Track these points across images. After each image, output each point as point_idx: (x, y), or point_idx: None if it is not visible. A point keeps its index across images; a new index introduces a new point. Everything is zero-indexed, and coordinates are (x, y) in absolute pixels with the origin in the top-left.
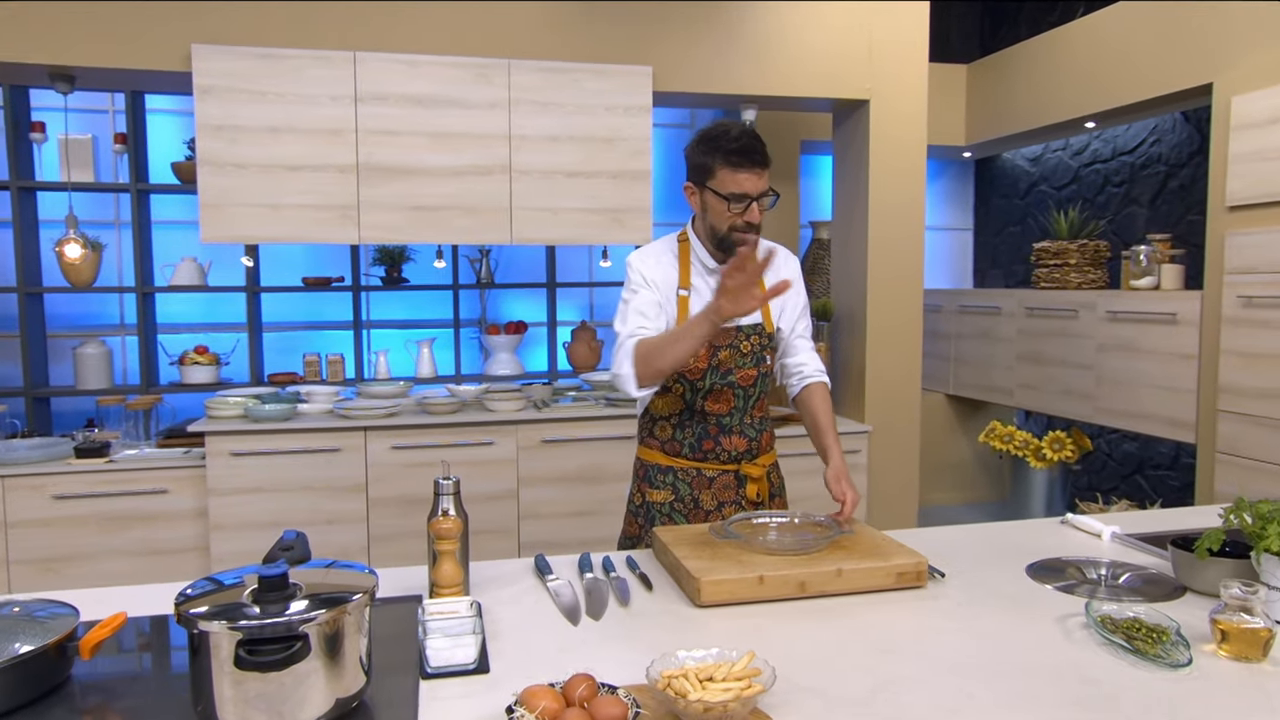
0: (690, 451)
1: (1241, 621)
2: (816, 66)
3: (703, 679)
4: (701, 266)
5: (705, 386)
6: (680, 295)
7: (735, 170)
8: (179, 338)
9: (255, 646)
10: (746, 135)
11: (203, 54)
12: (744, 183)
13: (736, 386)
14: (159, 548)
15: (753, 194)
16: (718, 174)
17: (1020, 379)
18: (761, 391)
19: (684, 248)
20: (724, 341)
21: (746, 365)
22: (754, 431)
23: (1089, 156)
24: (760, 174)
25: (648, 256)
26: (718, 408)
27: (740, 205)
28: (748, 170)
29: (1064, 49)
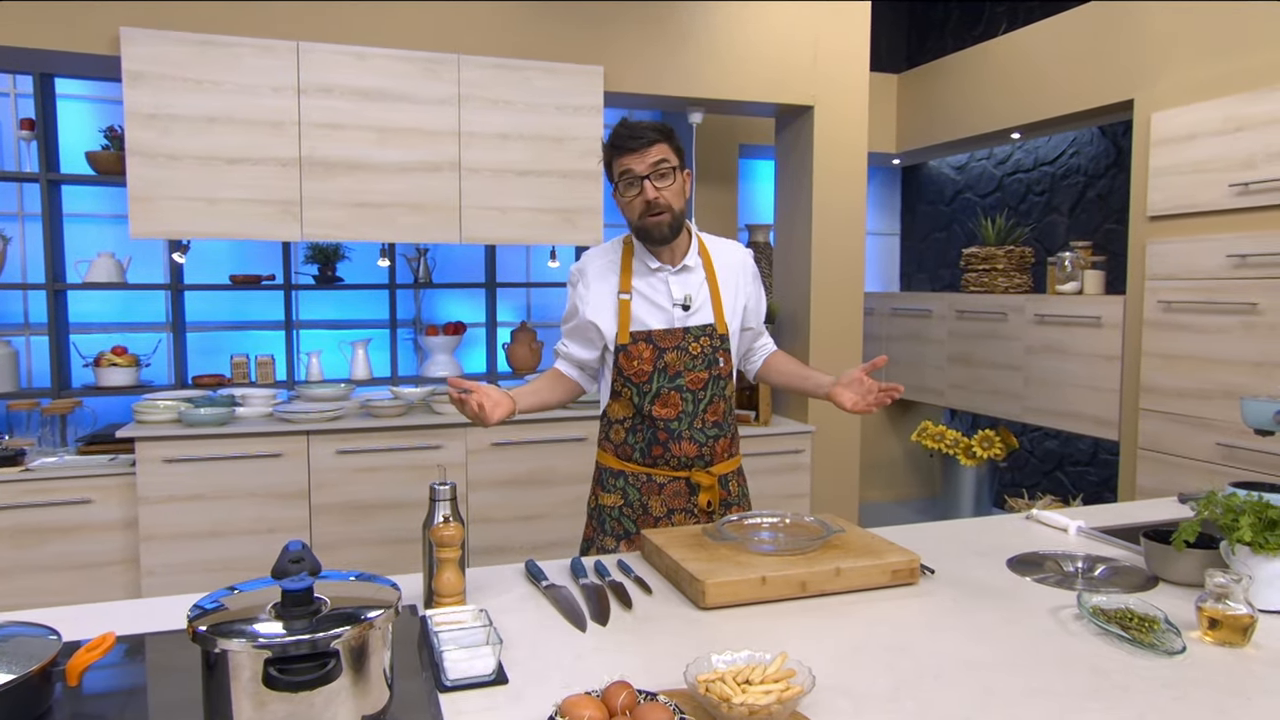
0: (641, 456)
1: (1228, 609)
2: (763, 72)
3: (740, 682)
4: (644, 268)
5: (652, 390)
6: (621, 299)
7: (619, 156)
8: (93, 338)
9: (284, 665)
10: (629, 124)
11: (133, 38)
12: (627, 161)
13: (685, 390)
14: (84, 561)
15: (638, 171)
16: (611, 163)
17: (951, 380)
18: (715, 395)
19: (628, 249)
20: (670, 344)
21: (697, 368)
22: (704, 437)
23: (1012, 166)
24: (643, 153)
25: (589, 263)
26: (665, 412)
27: (631, 189)
28: (629, 149)
29: (993, 63)
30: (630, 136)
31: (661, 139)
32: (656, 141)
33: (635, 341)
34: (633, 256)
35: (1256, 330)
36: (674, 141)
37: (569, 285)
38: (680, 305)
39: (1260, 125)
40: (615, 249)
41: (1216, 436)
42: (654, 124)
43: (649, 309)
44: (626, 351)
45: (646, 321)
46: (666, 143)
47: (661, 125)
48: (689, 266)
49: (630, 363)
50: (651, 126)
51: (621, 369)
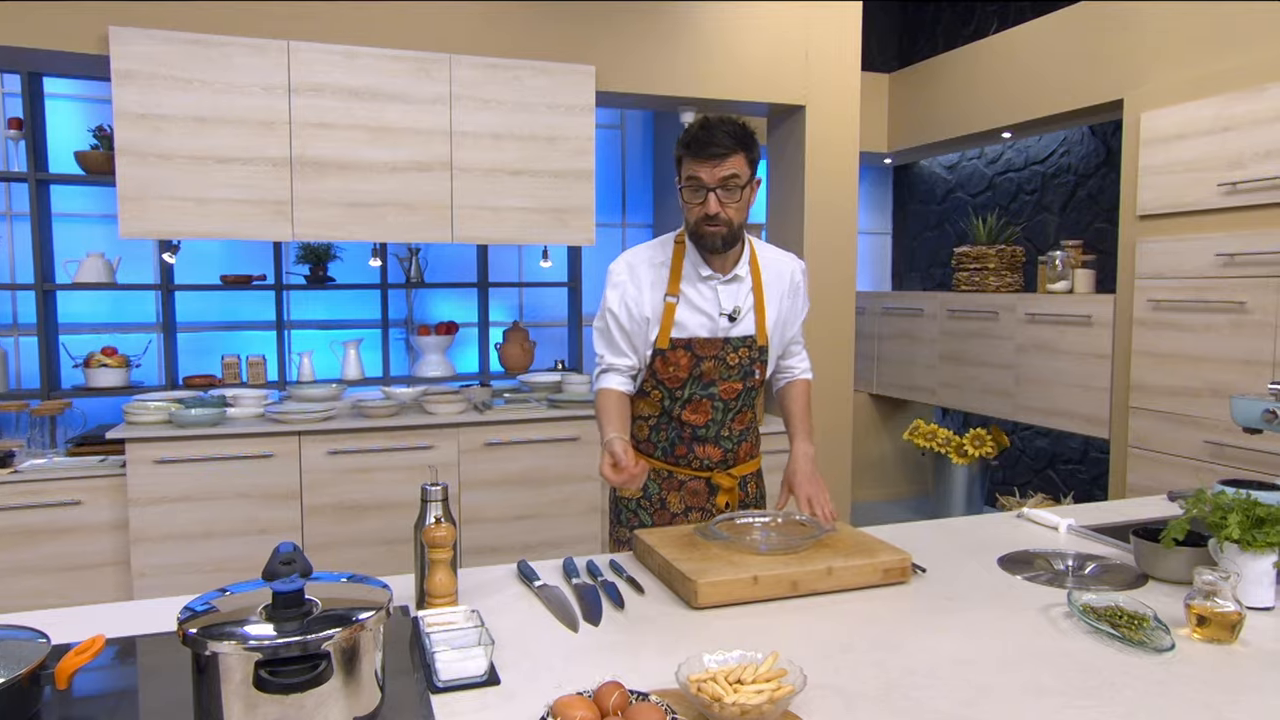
0: (663, 455)
1: (1216, 606)
2: (756, 71)
3: (731, 681)
4: (694, 273)
5: (684, 396)
6: (668, 302)
7: (690, 159)
8: (82, 338)
9: (274, 667)
10: (708, 124)
11: (122, 37)
12: (697, 168)
13: (717, 399)
14: (74, 563)
15: (706, 182)
16: (681, 163)
17: (942, 378)
18: (745, 405)
19: (679, 250)
20: (710, 353)
21: (732, 378)
22: (731, 443)
23: (1003, 165)
24: (716, 162)
25: (633, 266)
26: (695, 418)
27: (695, 196)
28: (701, 158)
29: (984, 62)
30: (707, 143)
31: (739, 150)
32: (733, 153)
33: (674, 348)
34: (683, 259)
35: (1245, 329)
36: (752, 151)
37: (611, 285)
38: (727, 315)
39: (1248, 125)
40: (665, 248)
41: (1205, 434)
42: (734, 128)
43: (694, 315)
44: (664, 356)
45: (690, 328)
46: (744, 153)
47: (742, 130)
48: (739, 276)
49: (666, 367)
50: (731, 132)
51: (656, 371)
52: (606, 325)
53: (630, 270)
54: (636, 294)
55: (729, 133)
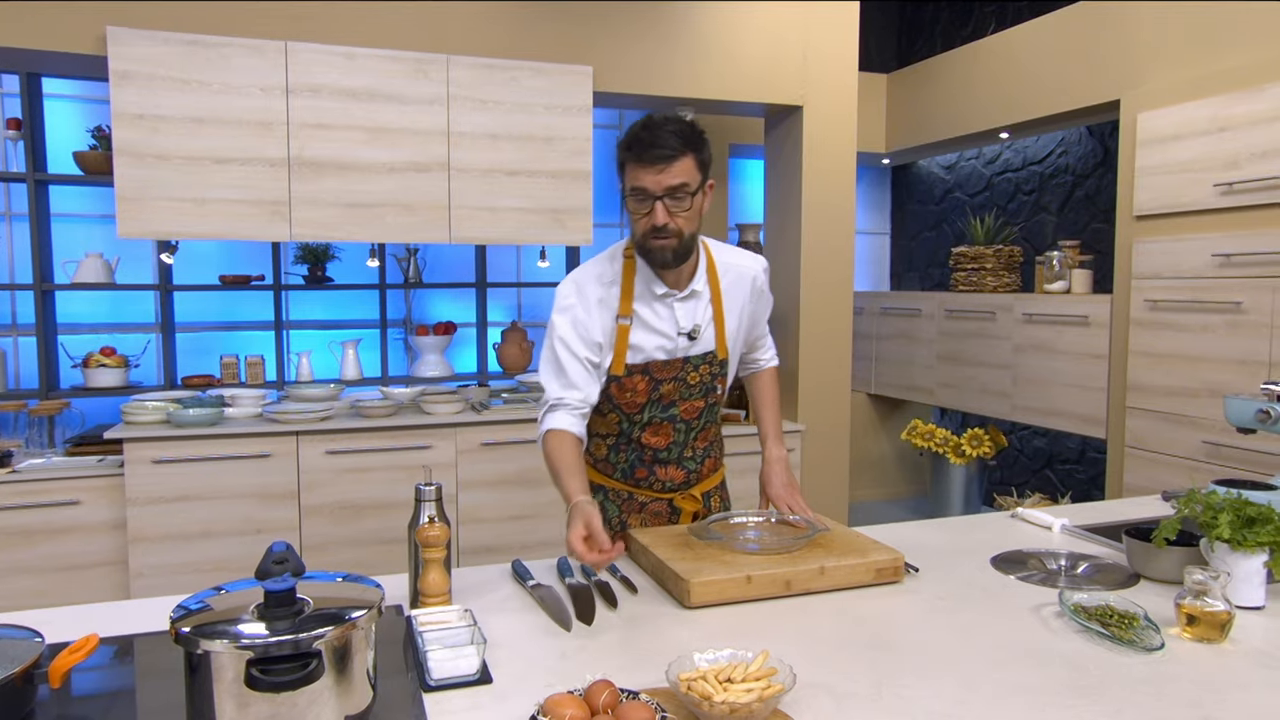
0: (623, 477)
1: (1205, 605)
2: (753, 72)
3: (721, 680)
4: (648, 292)
5: (643, 420)
6: (620, 325)
7: (634, 164)
8: (81, 338)
9: (266, 666)
10: (652, 124)
11: (120, 38)
12: (641, 176)
13: (679, 420)
14: (72, 563)
15: (652, 190)
16: (624, 169)
17: (940, 378)
18: (708, 421)
19: (628, 266)
20: (668, 374)
21: (693, 397)
22: (694, 463)
23: (1001, 165)
24: (662, 167)
25: (582, 287)
26: (655, 440)
27: (641, 205)
28: (645, 162)
29: (981, 63)
30: (651, 145)
31: (688, 151)
32: (680, 156)
33: (630, 373)
34: (634, 275)
35: (1241, 329)
36: (702, 153)
37: (559, 309)
38: (686, 334)
39: (1245, 125)
40: (613, 264)
41: (1202, 434)
42: (681, 128)
43: (650, 337)
44: (619, 382)
45: (646, 350)
46: (693, 155)
47: (690, 130)
48: (697, 291)
49: (622, 393)
50: (678, 132)
51: (611, 396)
52: (554, 354)
53: (578, 291)
54: (586, 317)
55: (675, 133)
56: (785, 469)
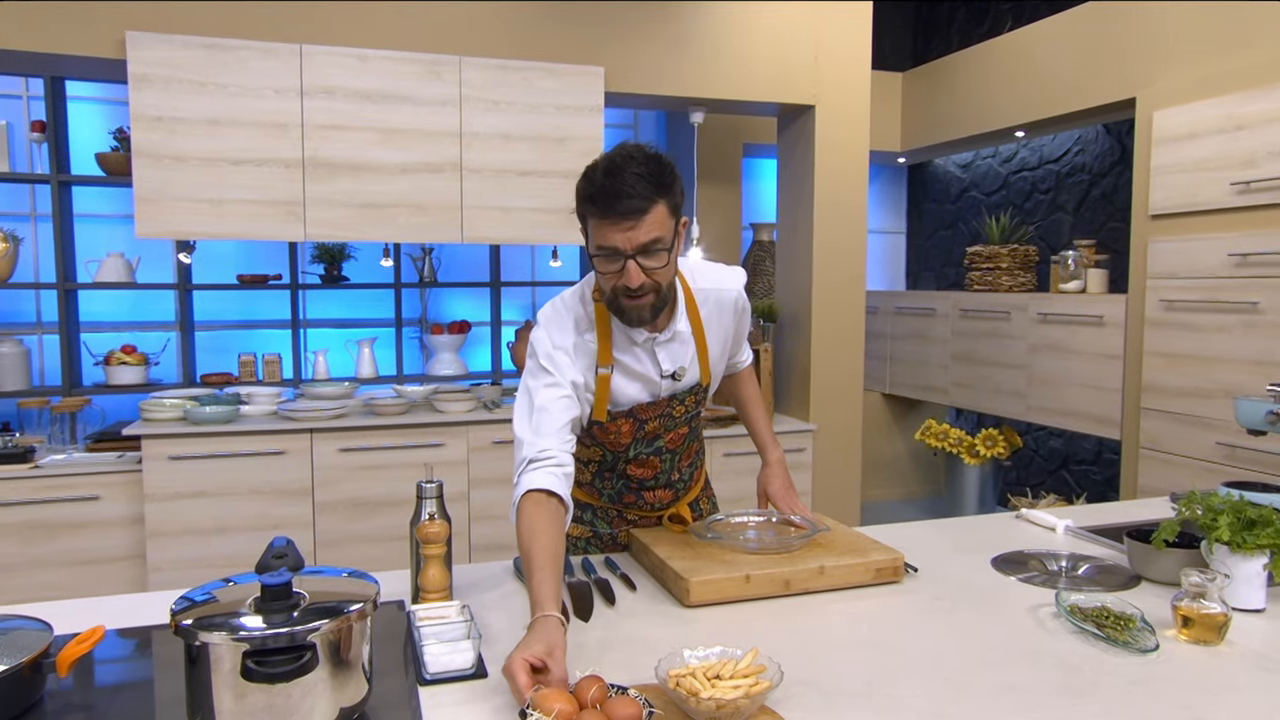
0: (610, 500)
1: (1201, 607)
2: (764, 71)
3: (710, 677)
4: (626, 339)
5: (628, 455)
6: (600, 375)
7: (599, 220)
8: (103, 337)
9: (262, 658)
10: (612, 170)
11: (139, 41)
12: (609, 234)
13: (664, 451)
14: (91, 557)
15: (623, 249)
16: (587, 223)
17: (955, 378)
18: (692, 439)
19: (602, 313)
20: (653, 414)
21: (678, 426)
22: (682, 483)
23: (1017, 164)
24: (633, 225)
25: (558, 336)
26: (642, 472)
27: (609, 264)
28: (613, 219)
29: (996, 61)
30: (616, 196)
31: (658, 199)
32: (651, 206)
33: (614, 419)
34: (610, 320)
35: (1257, 329)
36: (673, 197)
37: (536, 356)
38: (670, 376)
39: (1261, 123)
40: (585, 309)
41: (1217, 436)
42: (649, 169)
43: (632, 384)
44: (603, 426)
45: (630, 395)
46: (664, 201)
47: (658, 170)
48: (679, 331)
49: (606, 435)
50: (645, 175)
51: (594, 436)
52: (531, 399)
53: (556, 332)
54: (566, 361)
55: (643, 176)
56: (785, 474)
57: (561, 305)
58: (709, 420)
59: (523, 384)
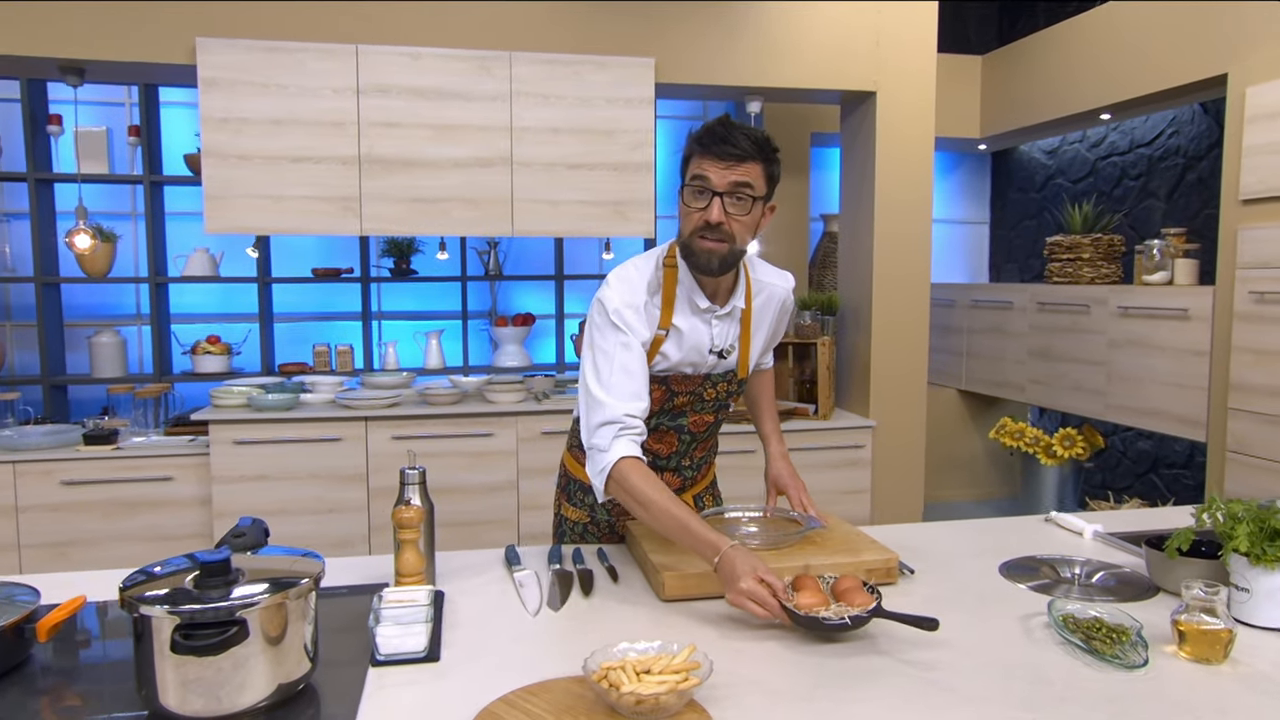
0: None
1: (1200, 623)
2: (822, 58)
3: (640, 671)
4: (690, 305)
5: (651, 425)
6: (657, 335)
7: (702, 155)
8: (193, 327)
9: (192, 631)
10: (728, 120)
11: (207, 47)
12: (707, 168)
13: (685, 431)
14: (165, 534)
15: (714, 184)
16: (689, 160)
17: (1031, 374)
18: (711, 433)
19: (670, 277)
20: (685, 389)
21: (705, 411)
22: (691, 471)
23: (1106, 149)
24: (729, 166)
25: (628, 294)
26: (659, 447)
27: (698, 199)
28: (715, 155)
29: (1079, 39)
30: (722, 140)
31: (758, 158)
32: (749, 159)
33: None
34: (676, 285)
35: None
36: (771, 165)
37: (615, 325)
38: (718, 354)
39: None
40: (655, 274)
41: None
42: (758, 135)
43: (681, 350)
44: None
45: (673, 361)
46: (762, 164)
47: (765, 141)
48: (738, 308)
49: None
50: (752, 137)
51: None
52: (609, 362)
53: (629, 291)
54: (636, 320)
55: (750, 137)
56: (790, 463)
57: (633, 267)
58: None
59: (590, 341)
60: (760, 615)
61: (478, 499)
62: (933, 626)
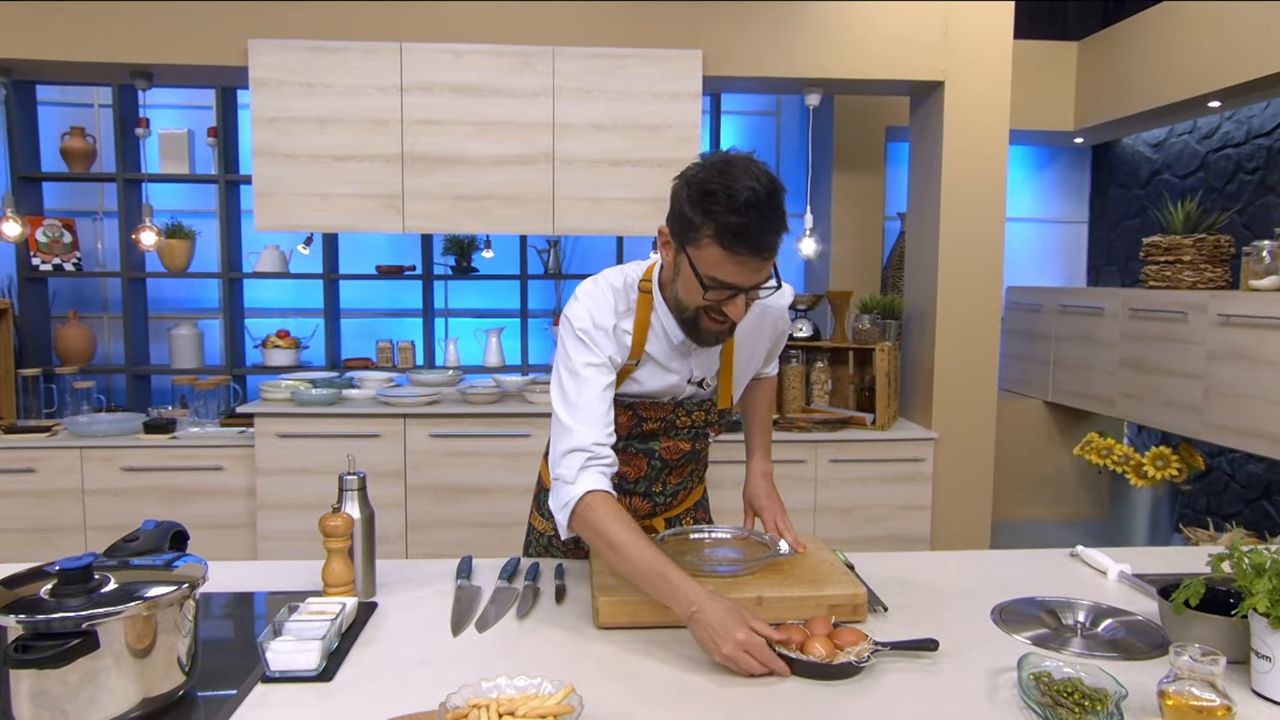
0: None
1: (1189, 697)
2: (883, 46)
3: (503, 713)
4: (663, 334)
5: (618, 447)
6: (627, 364)
7: (727, 251)
8: (267, 322)
9: (34, 642)
10: (759, 206)
11: (258, 49)
12: (734, 272)
13: (656, 457)
14: (214, 522)
15: (743, 286)
16: (703, 245)
17: (1122, 387)
18: (688, 461)
19: (644, 304)
20: (654, 415)
21: (679, 438)
22: (663, 498)
23: (1219, 140)
24: (762, 265)
25: (596, 312)
26: (627, 470)
27: (718, 294)
28: (745, 256)
29: (1183, 20)
30: (759, 233)
31: (783, 236)
32: (779, 244)
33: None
34: (650, 312)
35: None
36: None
37: (583, 343)
38: (696, 384)
39: None
40: (628, 296)
41: None
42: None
43: (656, 378)
44: None
45: (647, 388)
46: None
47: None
48: None
49: None
50: (780, 215)
51: None
52: (576, 387)
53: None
54: (607, 342)
55: (778, 212)
56: (771, 484)
57: (605, 284)
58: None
59: (561, 356)
60: (758, 671)
61: (511, 500)
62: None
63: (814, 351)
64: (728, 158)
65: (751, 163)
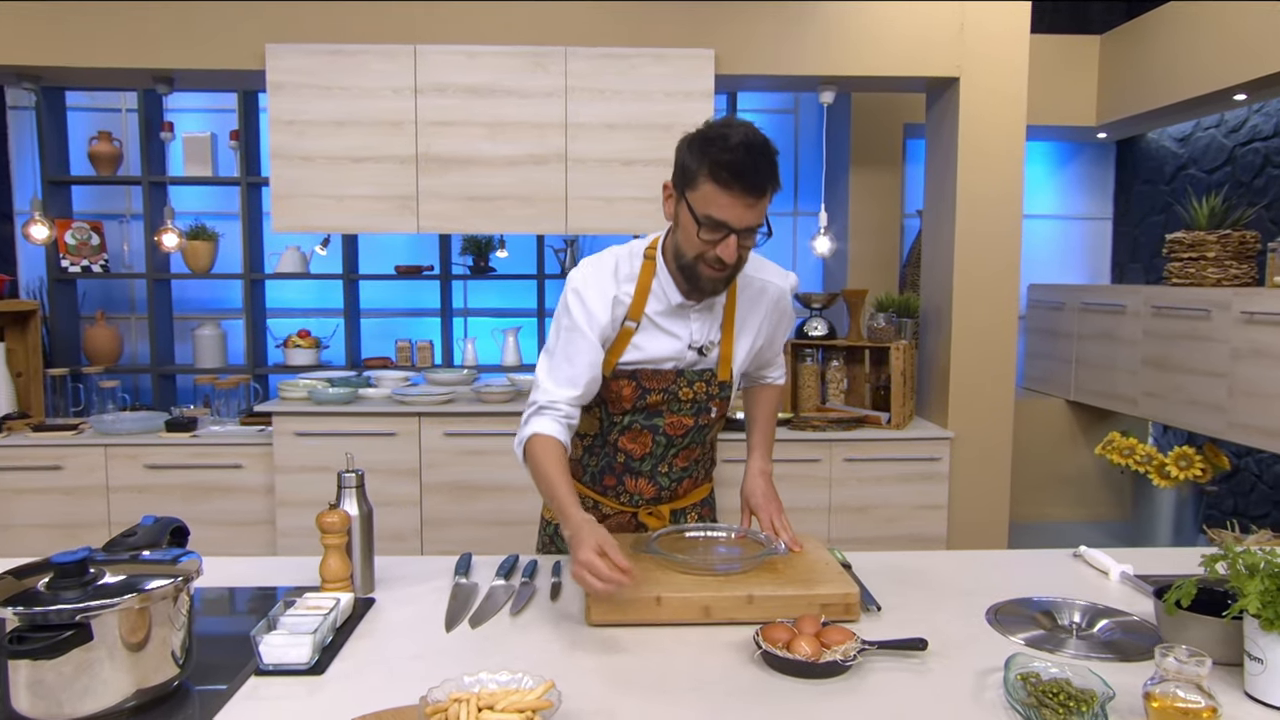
0: (591, 481)
1: (1174, 699)
2: (897, 43)
3: (483, 707)
4: (664, 296)
5: (624, 423)
6: (625, 327)
7: (721, 188)
8: (288, 322)
9: (30, 634)
10: (750, 147)
11: (275, 52)
12: (727, 208)
13: (660, 432)
14: (235, 519)
15: (735, 225)
16: (700, 185)
17: (1145, 386)
18: (693, 442)
19: (647, 269)
20: (657, 385)
21: (682, 413)
22: (668, 480)
23: (1247, 134)
24: (753, 203)
25: (597, 283)
26: (632, 448)
27: (712, 234)
28: (737, 193)
29: (1206, 13)
30: (750, 172)
31: (774, 184)
32: (770, 188)
33: (617, 377)
34: (652, 278)
35: None
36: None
37: (574, 297)
38: (697, 349)
39: None
40: (630, 267)
41: None
42: (773, 154)
43: (656, 343)
44: (605, 383)
45: (648, 352)
46: (774, 189)
47: (775, 157)
48: (714, 303)
49: (608, 392)
50: (773, 161)
51: (599, 394)
52: (561, 346)
53: (595, 279)
54: (600, 309)
55: (771, 160)
56: (769, 483)
57: (609, 254)
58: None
59: (555, 320)
60: (597, 590)
61: (525, 498)
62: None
63: (829, 350)
64: (727, 118)
65: (750, 124)
